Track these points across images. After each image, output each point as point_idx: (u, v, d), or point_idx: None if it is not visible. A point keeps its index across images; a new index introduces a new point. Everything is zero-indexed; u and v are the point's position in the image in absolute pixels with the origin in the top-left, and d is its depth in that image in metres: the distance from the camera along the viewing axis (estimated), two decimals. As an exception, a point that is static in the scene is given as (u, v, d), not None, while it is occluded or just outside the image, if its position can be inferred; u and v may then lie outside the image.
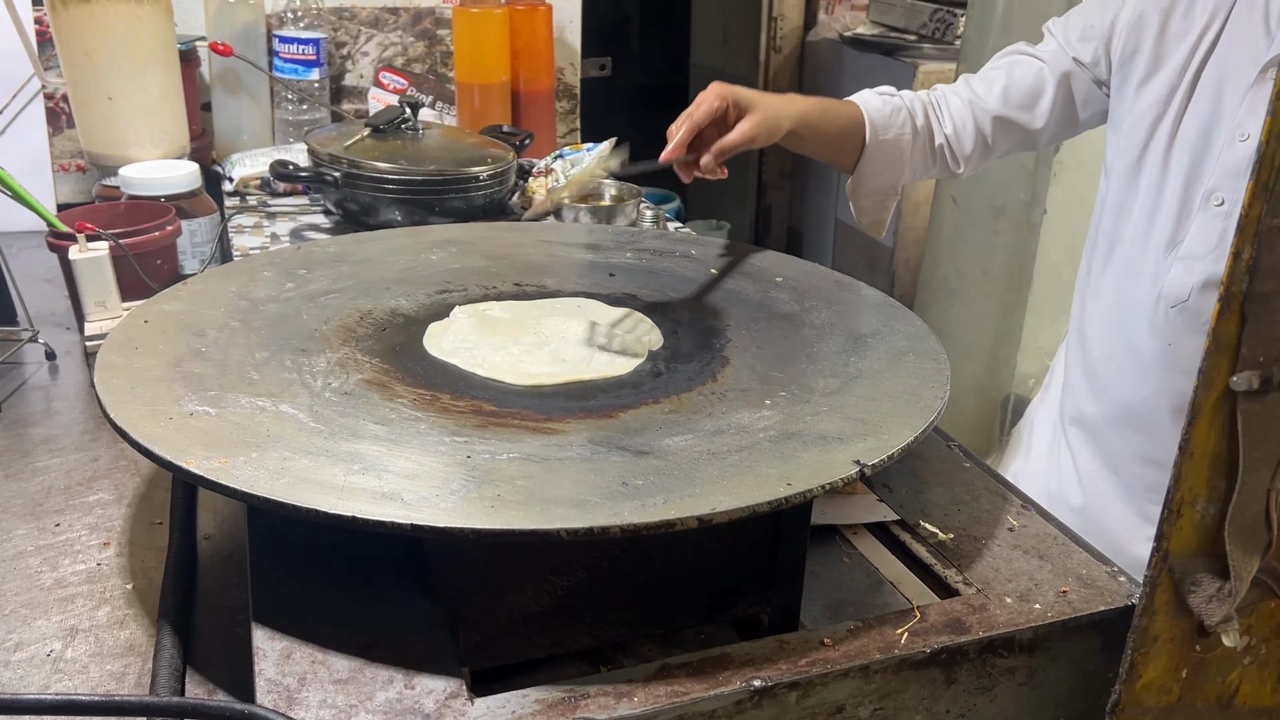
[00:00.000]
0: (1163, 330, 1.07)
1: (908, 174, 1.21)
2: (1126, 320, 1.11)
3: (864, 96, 1.20)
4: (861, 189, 1.22)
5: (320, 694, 0.62)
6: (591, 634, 0.73)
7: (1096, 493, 1.18)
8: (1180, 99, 1.05)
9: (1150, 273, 1.07)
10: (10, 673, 0.73)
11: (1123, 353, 1.12)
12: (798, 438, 0.75)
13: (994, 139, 1.19)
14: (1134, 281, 1.10)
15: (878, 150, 1.18)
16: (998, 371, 2.16)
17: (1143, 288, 1.08)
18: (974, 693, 0.72)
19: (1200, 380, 0.61)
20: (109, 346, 0.85)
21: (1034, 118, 1.17)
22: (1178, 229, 1.05)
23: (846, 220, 3.07)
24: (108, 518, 0.92)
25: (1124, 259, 1.11)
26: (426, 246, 1.16)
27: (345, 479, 0.67)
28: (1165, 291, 1.05)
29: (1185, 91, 1.04)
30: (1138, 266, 1.09)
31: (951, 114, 1.19)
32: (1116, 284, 1.13)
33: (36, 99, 1.61)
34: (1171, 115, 1.05)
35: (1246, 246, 0.58)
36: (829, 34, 3.10)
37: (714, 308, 1.03)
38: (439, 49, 1.93)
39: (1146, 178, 1.08)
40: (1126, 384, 1.12)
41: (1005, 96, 1.17)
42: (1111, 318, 1.14)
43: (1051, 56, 1.16)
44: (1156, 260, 1.07)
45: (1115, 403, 1.14)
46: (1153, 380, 1.09)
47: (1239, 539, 0.65)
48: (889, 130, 1.18)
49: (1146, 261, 1.08)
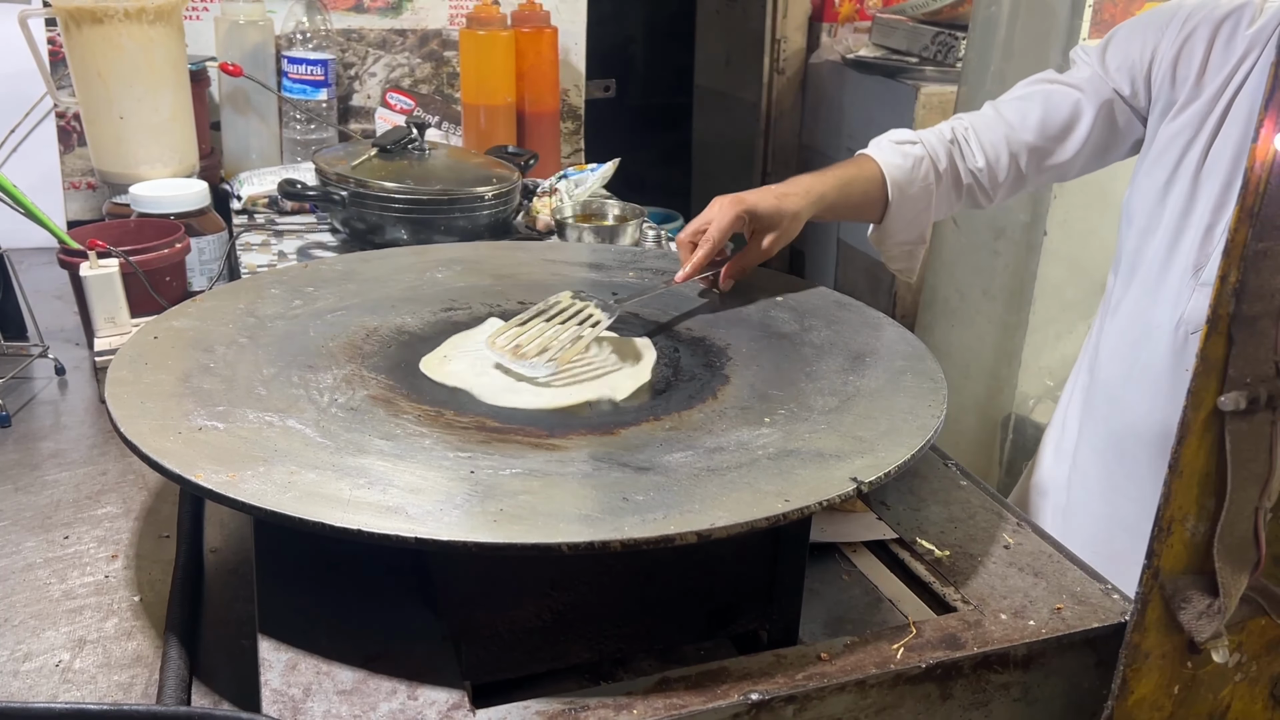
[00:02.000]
0: (1181, 355, 1.06)
1: (934, 216, 1.19)
2: (1144, 342, 1.10)
3: (883, 152, 1.16)
4: (888, 241, 1.20)
5: (325, 704, 0.63)
6: (592, 648, 0.74)
7: (1103, 515, 1.17)
8: (1212, 126, 1.04)
9: (1172, 297, 1.06)
10: (19, 683, 0.74)
11: (1139, 374, 1.11)
12: (796, 455, 0.76)
13: (1028, 170, 1.17)
14: (1154, 305, 1.09)
15: (901, 207, 1.16)
16: (998, 391, 2.17)
17: (1163, 311, 1.07)
18: (969, 708, 0.73)
19: (1189, 400, 0.62)
20: (119, 362, 0.86)
21: (1069, 148, 1.14)
22: (1201, 255, 1.04)
23: (849, 241, 3.09)
24: (116, 531, 0.93)
25: (1145, 282, 1.10)
26: (432, 265, 1.18)
27: (351, 493, 0.68)
28: (1186, 317, 1.05)
29: (1217, 119, 1.03)
30: (1158, 290, 1.08)
31: (983, 147, 1.17)
32: (1135, 306, 1.11)
33: (49, 118, 1.64)
34: (1202, 141, 1.05)
35: (1233, 270, 0.59)
36: (831, 56, 3.13)
37: (715, 327, 1.04)
38: (445, 70, 1.95)
39: (1173, 202, 1.07)
40: (1141, 406, 1.11)
41: (1042, 127, 1.15)
42: (1128, 339, 1.12)
43: (1089, 85, 1.13)
44: (1180, 285, 1.06)
45: (1127, 425, 1.13)
46: (1167, 403, 1.07)
47: (1228, 556, 0.66)
48: (912, 186, 1.15)
49: (1168, 286, 1.07)
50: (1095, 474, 1.19)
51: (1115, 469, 1.16)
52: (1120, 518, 1.15)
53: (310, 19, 1.77)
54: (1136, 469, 1.13)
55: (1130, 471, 1.14)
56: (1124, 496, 1.15)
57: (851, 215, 1.17)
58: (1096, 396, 1.19)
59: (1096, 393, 1.19)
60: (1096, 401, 1.19)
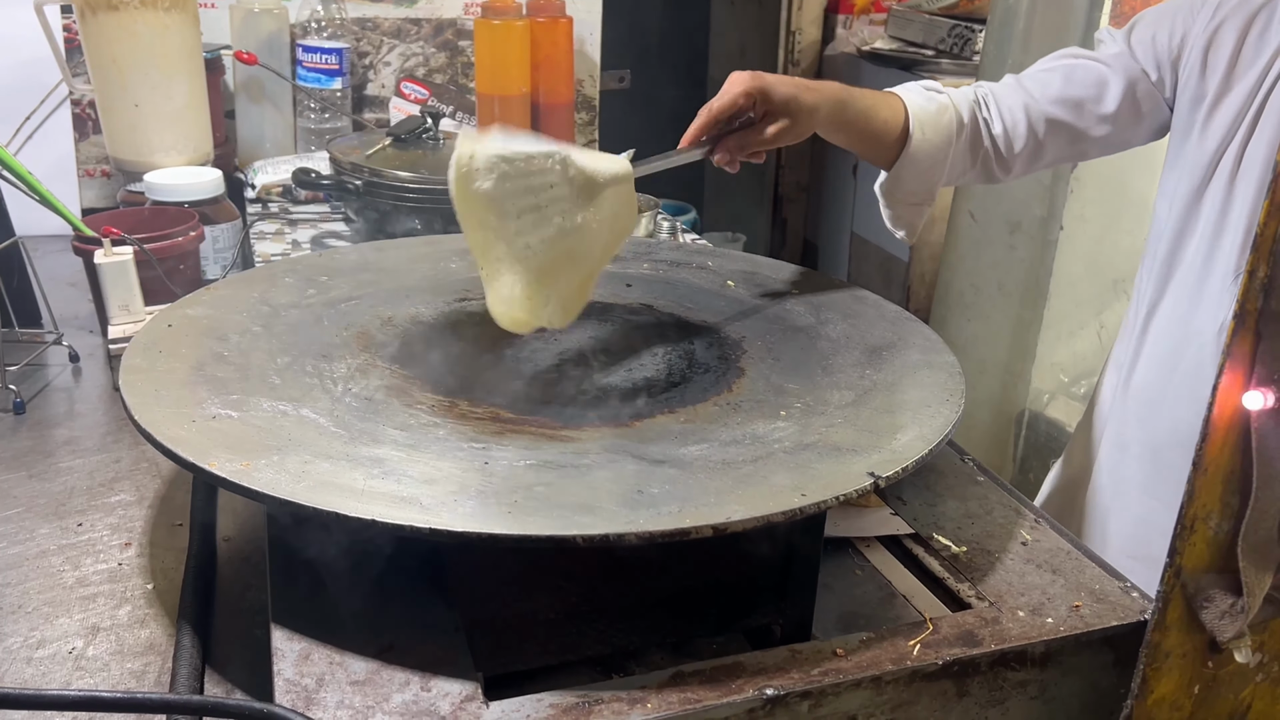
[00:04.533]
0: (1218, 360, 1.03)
1: (946, 175, 1.14)
2: (1184, 348, 1.07)
3: (908, 93, 1.12)
4: (897, 190, 1.14)
5: (338, 695, 0.63)
6: (605, 641, 0.73)
7: (1140, 518, 1.15)
8: (1247, 126, 1.01)
9: (1213, 302, 1.04)
10: (33, 669, 0.74)
11: (1180, 380, 1.08)
12: (812, 449, 0.76)
13: (1046, 142, 1.12)
14: (1194, 309, 1.06)
15: (919, 149, 1.10)
16: (1012, 387, 2.15)
17: (1204, 316, 1.05)
18: (985, 706, 0.72)
19: (1214, 397, 0.61)
20: (133, 350, 0.86)
21: (1093, 122, 1.10)
22: (1241, 259, 1.00)
23: (862, 234, 3.08)
24: (129, 518, 0.93)
25: (1183, 286, 1.07)
26: (446, 255, 1.17)
27: (365, 483, 0.68)
28: (1227, 322, 1.02)
29: (1252, 118, 1.01)
30: (1199, 295, 1.05)
31: (1001, 112, 1.12)
32: (1174, 310, 1.08)
33: (64, 105, 1.64)
34: (1238, 142, 1.02)
35: (1261, 265, 0.58)
36: (846, 48, 3.11)
37: (730, 319, 1.04)
38: (460, 60, 1.95)
39: (1209, 205, 1.04)
40: (1181, 411, 1.08)
41: (1063, 97, 1.09)
42: (1168, 345, 1.09)
43: (1116, 61, 1.09)
44: (1221, 290, 1.03)
45: (1167, 429, 1.10)
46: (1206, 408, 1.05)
47: (1252, 556, 0.65)
48: (934, 131, 1.09)
49: (1209, 291, 1.04)
50: (1133, 478, 1.16)
51: (1153, 473, 1.13)
52: (1156, 522, 1.10)
53: (325, 8, 1.76)
54: (1174, 474, 1.08)
55: (1168, 476, 1.10)
56: (1160, 501, 1.12)
57: (868, 143, 1.10)
58: (1133, 400, 1.16)
59: (1134, 396, 1.16)
60: (1133, 405, 1.16)
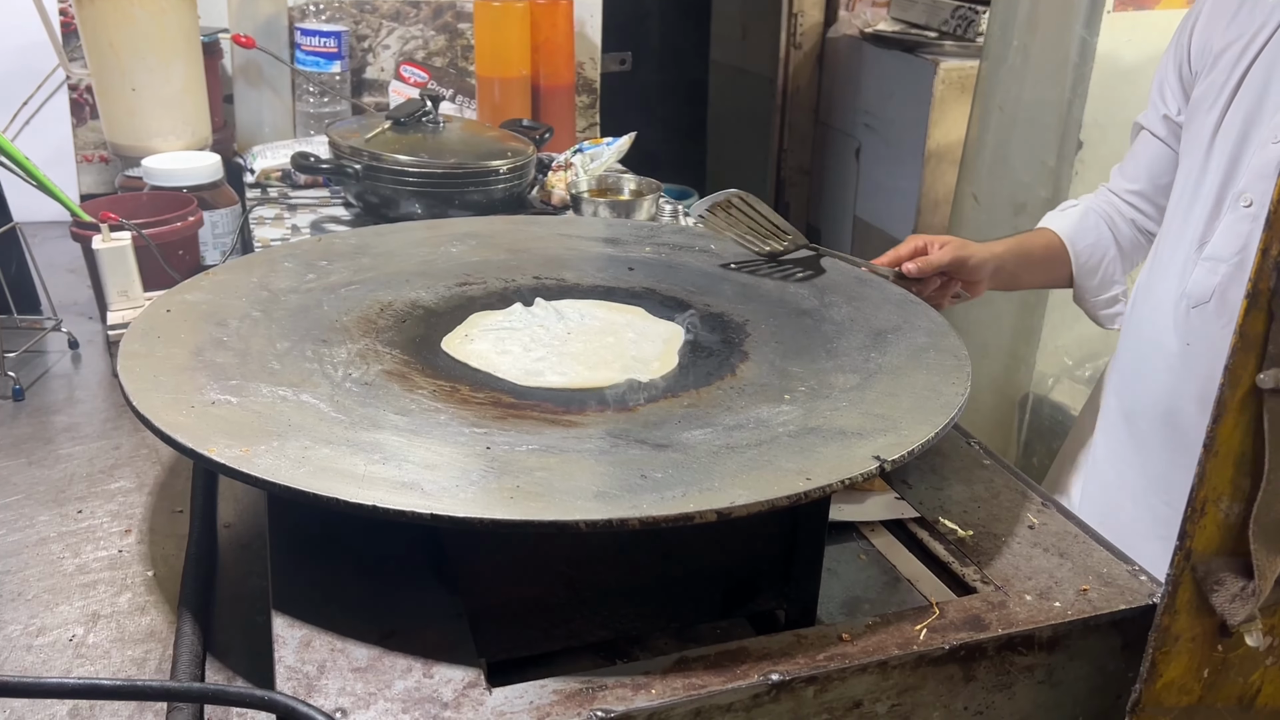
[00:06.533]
0: (1183, 329, 1.07)
1: (1125, 265, 1.25)
2: (1154, 317, 1.11)
3: (1046, 220, 1.27)
4: (1087, 301, 1.27)
5: (340, 682, 0.63)
6: (608, 627, 0.73)
7: (1111, 484, 1.20)
8: (1224, 100, 1.04)
9: (1177, 272, 1.07)
10: (33, 657, 0.74)
11: (1147, 349, 1.12)
12: (817, 433, 0.75)
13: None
14: (1162, 279, 1.10)
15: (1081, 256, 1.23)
16: (1016, 370, 2.15)
17: (1168, 286, 1.08)
18: (992, 690, 0.71)
19: (1226, 378, 0.60)
20: (132, 335, 0.86)
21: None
22: (1207, 230, 1.05)
23: (865, 218, 3.06)
24: (129, 505, 0.92)
25: (1157, 255, 1.12)
26: (446, 239, 1.16)
27: (366, 468, 0.67)
28: (1188, 291, 1.05)
29: (1229, 93, 1.04)
30: (1166, 265, 1.10)
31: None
32: (1147, 281, 1.14)
33: (61, 90, 1.62)
34: (1215, 116, 1.05)
35: (1275, 243, 0.57)
36: (849, 30, 3.09)
37: (734, 303, 1.03)
38: (460, 43, 1.93)
39: (1184, 176, 1.09)
40: (1150, 380, 1.12)
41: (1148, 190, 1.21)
42: (1141, 314, 1.14)
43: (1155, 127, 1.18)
44: (1185, 260, 1.07)
45: (1135, 398, 1.15)
46: (1173, 378, 1.09)
47: (1264, 538, 0.64)
48: (1085, 233, 1.22)
49: (1175, 260, 1.08)
50: (1106, 445, 1.22)
51: (1125, 440, 1.18)
52: (1128, 487, 1.17)
53: (323, -10, 1.75)
54: (1144, 441, 1.15)
55: (1139, 444, 1.16)
56: (1131, 467, 1.17)
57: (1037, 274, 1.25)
58: (1114, 371, 1.22)
59: (1114, 367, 1.22)
60: (1112, 376, 1.22)
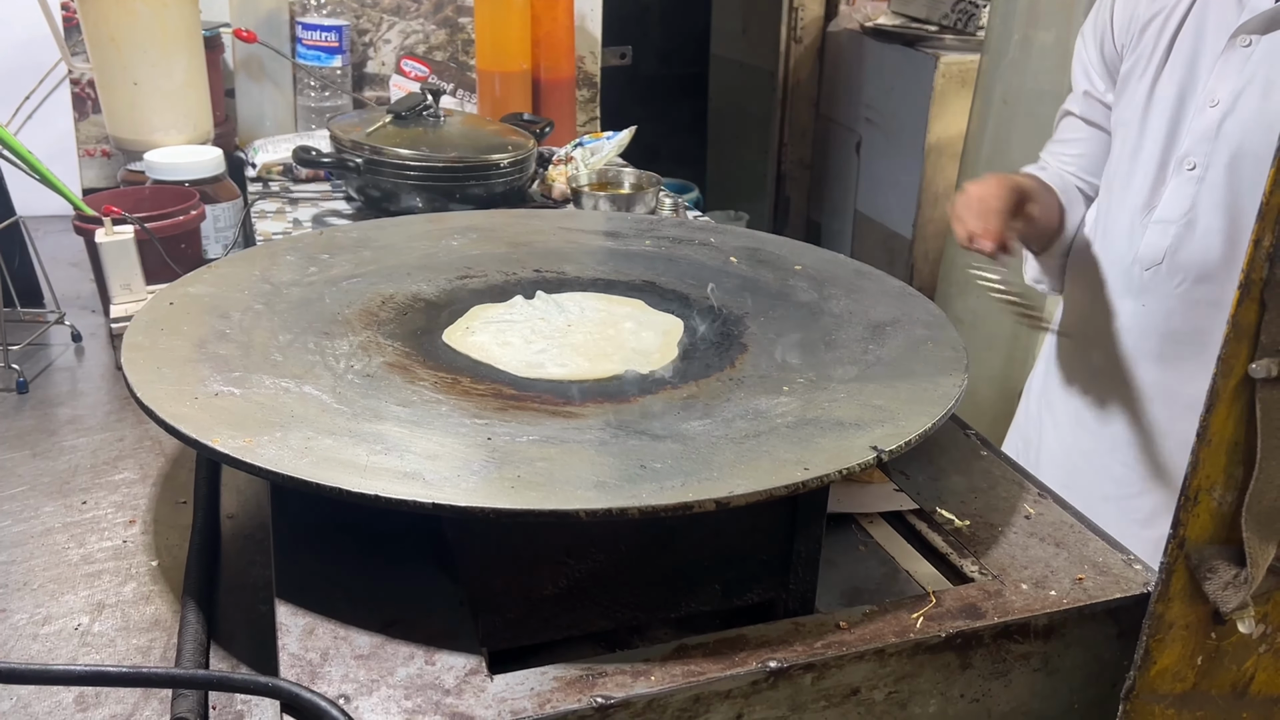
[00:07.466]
0: (1137, 291, 1.10)
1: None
2: (1106, 280, 1.14)
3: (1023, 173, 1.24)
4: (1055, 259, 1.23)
5: (342, 669, 0.63)
6: (608, 616, 0.73)
7: (1069, 444, 1.22)
8: (1154, 69, 1.07)
9: (1126, 235, 1.11)
10: (39, 645, 0.74)
11: (1099, 310, 1.15)
12: (815, 424, 0.76)
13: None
14: (1112, 243, 1.13)
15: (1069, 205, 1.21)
16: (1018, 362, 2.15)
17: (1119, 249, 1.12)
18: (989, 678, 0.72)
19: (1219, 367, 0.61)
20: (135, 328, 0.86)
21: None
22: (1153, 194, 1.08)
23: (866, 212, 3.06)
24: (133, 496, 0.93)
25: (1096, 225, 1.16)
26: (447, 233, 1.17)
27: (368, 459, 0.68)
28: (1140, 254, 1.09)
29: (1160, 59, 1.07)
30: (1114, 228, 1.12)
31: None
32: (1096, 245, 1.16)
33: (63, 84, 1.63)
34: (1146, 84, 1.08)
35: (1267, 233, 0.58)
36: (850, 25, 3.09)
37: (733, 295, 1.03)
38: (460, 37, 1.93)
39: (1120, 146, 1.12)
40: (1108, 343, 1.15)
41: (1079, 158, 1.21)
42: (1092, 278, 1.16)
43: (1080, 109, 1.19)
44: (1132, 223, 1.10)
45: (1089, 358, 1.18)
46: (1131, 338, 1.12)
47: (1256, 526, 0.65)
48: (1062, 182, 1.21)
49: (1119, 226, 1.11)
50: (1061, 406, 1.24)
51: (1079, 401, 1.21)
52: (1081, 448, 1.21)
53: (324, -15, 1.75)
54: (1099, 400, 1.18)
55: (1091, 403, 1.19)
56: (1084, 429, 1.20)
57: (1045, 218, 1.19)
58: (1061, 340, 1.25)
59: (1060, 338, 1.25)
60: (1062, 344, 1.25)
